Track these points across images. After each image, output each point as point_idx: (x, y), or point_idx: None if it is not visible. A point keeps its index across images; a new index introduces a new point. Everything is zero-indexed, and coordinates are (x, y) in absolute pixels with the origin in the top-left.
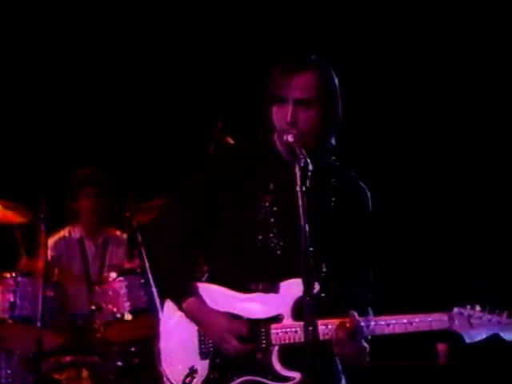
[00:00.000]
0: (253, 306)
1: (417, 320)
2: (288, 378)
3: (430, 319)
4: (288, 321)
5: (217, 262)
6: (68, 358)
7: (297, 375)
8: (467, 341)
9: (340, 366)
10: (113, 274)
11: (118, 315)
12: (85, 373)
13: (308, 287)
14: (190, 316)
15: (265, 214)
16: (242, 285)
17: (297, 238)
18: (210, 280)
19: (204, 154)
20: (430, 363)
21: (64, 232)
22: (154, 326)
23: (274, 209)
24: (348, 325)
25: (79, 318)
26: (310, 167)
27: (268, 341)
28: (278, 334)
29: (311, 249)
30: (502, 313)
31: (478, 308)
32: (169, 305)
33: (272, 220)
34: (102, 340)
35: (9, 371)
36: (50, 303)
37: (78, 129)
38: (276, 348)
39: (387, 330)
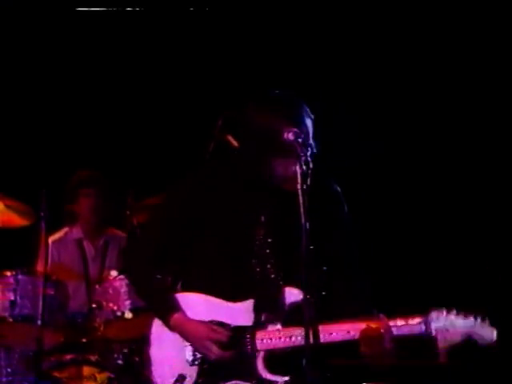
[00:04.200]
0: (238, 313)
1: (396, 325)
2: (272, 382)
3: (405, 323)
4: (273, 328)
5: (202, 276)
6: (68, 357)
7: (280, 379)
8: (441, 345)
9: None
10: (113, 273)
11: (119, 313)
12: (86, 371)
13: (308, 288)
14: (176, 331)
15: (259, 246)
16: (235, 297)
17: (294, 266)
18: (188, 288)
19: (204, 152)
20: (430, 363)
21: (60, 233)
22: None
23: (269, 240)
24: (377, 326)
25: (79, 316)
26: (311, 165)
27: (253, 346)
28: (262, 340)
29: (311, 247)
30: (475, 317)
31: (453, 312)
32: None
33: (268, 251)
34: (102, 338)
35: (9, 369)
36: (51, 301)
37: (79, 128)
38: (261, 353)
39: None
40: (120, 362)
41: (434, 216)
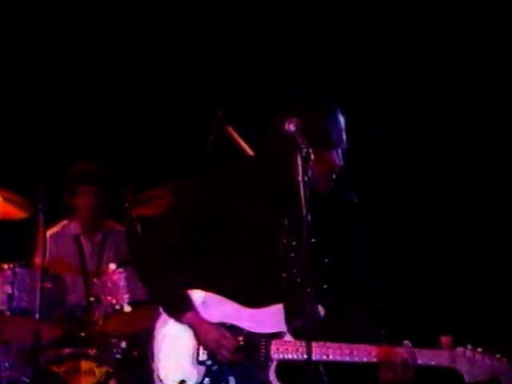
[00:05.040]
0: (255, 320)
1: (421, 355)
2: None
3: (432, 355)
4: (289, 338)
5: (220, 278)
6: (67, 351)
7: None
8: (467, 380)
9: None
10: (112, 266)
11: (117, 307)
12: (84, 365)
13: (308, 276)
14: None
15: (284, 251)
16: (254, 303)
17: (321, 268)
18: (202, 288)
19: (204, 144)
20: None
21: (57, 227)
22: (153, 318)
23: (293, 243)
24: (402, 351)
25: (78, 309)
26: (312, 157)
27: (267, 355)
28: (278, 349)
29: (313, 240)
30: (501, 359)
31: (479, 350)
32: None
33: (292, 255)
34: (100, 332)
35: (7, 364)
36: (48, 295)
37: (77, 119)
38: (274, 363)
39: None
40: (118, 356)
41: (433, 217)
